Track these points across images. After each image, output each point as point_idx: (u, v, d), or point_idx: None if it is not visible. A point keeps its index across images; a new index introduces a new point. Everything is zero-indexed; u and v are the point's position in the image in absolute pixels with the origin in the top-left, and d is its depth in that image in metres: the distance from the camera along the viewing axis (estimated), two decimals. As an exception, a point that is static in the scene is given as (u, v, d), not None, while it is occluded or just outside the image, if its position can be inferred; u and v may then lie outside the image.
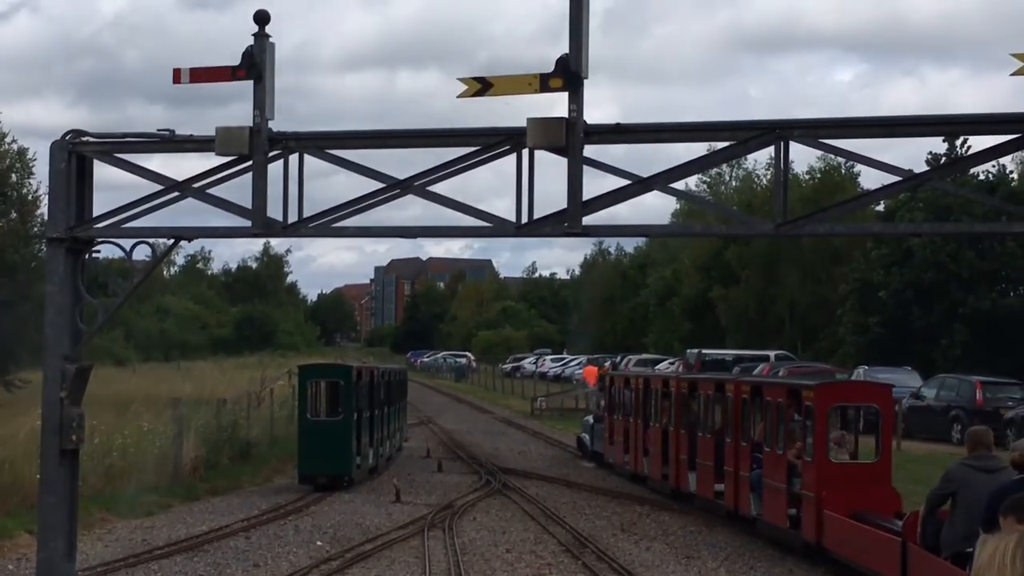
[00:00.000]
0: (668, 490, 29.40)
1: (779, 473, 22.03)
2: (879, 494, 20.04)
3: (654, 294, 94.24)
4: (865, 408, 23.85)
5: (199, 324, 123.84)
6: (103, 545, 22.53)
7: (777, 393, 23.08)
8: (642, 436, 31.99)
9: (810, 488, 20.70)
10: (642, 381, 33.27)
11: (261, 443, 38.76)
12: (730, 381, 27.02)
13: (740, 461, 24.22)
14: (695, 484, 27.48)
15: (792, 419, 22.14)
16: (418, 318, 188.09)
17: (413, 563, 21.09)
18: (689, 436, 28.02)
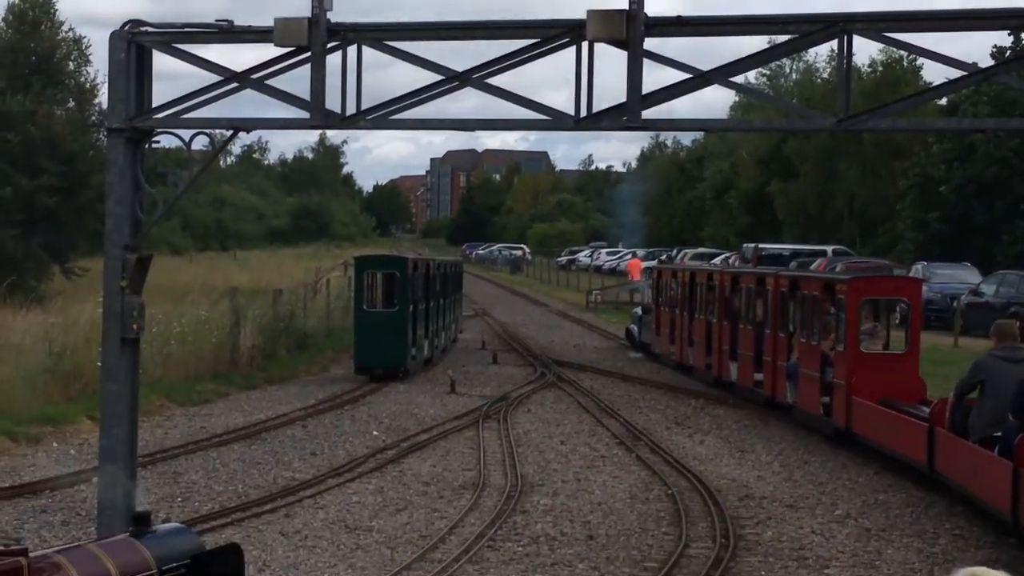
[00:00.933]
0: (711, 379, 30.53)
1: (813, 363, 23.07)
2: (907, 383, 20.78)
3: (711, 187, 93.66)
4: (895, 301, 24.29)
5: (255, 214, 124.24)
6: (163, 432, 22.85)
7: (812, 287, 24.12)
8: (687, 328, 33.29)
9: (841, 377, 21.62)
10: (688, 274, 34.52)
11: (317, 334, 39.05)
12: (770, 275, 27.77)
13: (778, 351, 25.23)
14: (736, 374, 28.53)
15: (827, 312, 23.03)
16: (473, 210, 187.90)
17: (468, 453, 21.27)
18: (731, 328, 29.03)
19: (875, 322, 23.28)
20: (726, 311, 29.50)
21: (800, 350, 24.16)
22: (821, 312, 23.23)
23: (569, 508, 17.10)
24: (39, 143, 43.80)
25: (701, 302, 32.13)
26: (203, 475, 19.06)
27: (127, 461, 11.12)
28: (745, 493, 18.24)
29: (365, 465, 20.04)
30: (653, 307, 38.06)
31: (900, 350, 22.21)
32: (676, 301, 34.78)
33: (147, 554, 8.29)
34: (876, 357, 21.82)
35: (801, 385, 24.04)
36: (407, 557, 14.12)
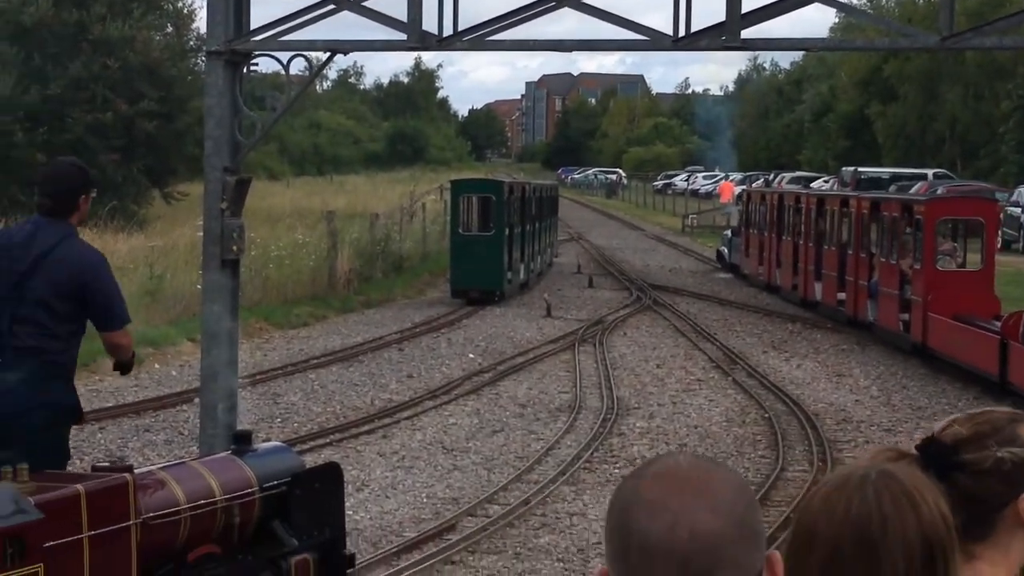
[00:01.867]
0: (797, 299, 31.63)
1: (893, 281, 24.10)
2: (981, 299, 21.75)
3: (810, 110, 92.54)
4: (971, 221, 24.62)
5: (351, 139, 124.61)
6: (262, 354, 23.11)
7: (892, 208, 25.21)
8: (775, 249, 34.30)
9: (918, 294, 22.72)
10: (776, 197, 35.67)
11: (413, 257, 39.23)
12: (853, 197, 28.91)
13: (860, 271, 26.31)
14: (820, 293, 29.66)
15: (905, 232, 24.08)
16: (568, 134, 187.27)
17: (564, 376, 21.33)
18: (817, 249, 30.16)
19: (953, 242, 24.28)
20: (812, 233, 30.52)
21: (881, 270, 25.13)
22: (900, 232, 24.14)
23: (665, 431, 17.12)
24: (138, 69, 44.15)
25: (788, 224, 33.21)
26: (302, 396, 19.29)
27: (228, 381, 11.26)
28: (842, 417, 18.15)
29: (461, 387, 20.17)
30: (742, 230, 39.12)
31: (976, 268, 23.22)
32: (764, 223, 35.79)
33: (248, 471, 8.41)
34: (952, 275, 22.91)
35: (881, 303, 24.95)
36: (503, 478, 14.22)
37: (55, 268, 7.66)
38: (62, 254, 7.68)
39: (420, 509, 12.97)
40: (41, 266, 7.64)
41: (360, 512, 12.61)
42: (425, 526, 12.21)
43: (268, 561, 8.39)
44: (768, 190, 42.73)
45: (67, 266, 7.70)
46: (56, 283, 7.65)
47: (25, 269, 7.63)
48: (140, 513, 7.43)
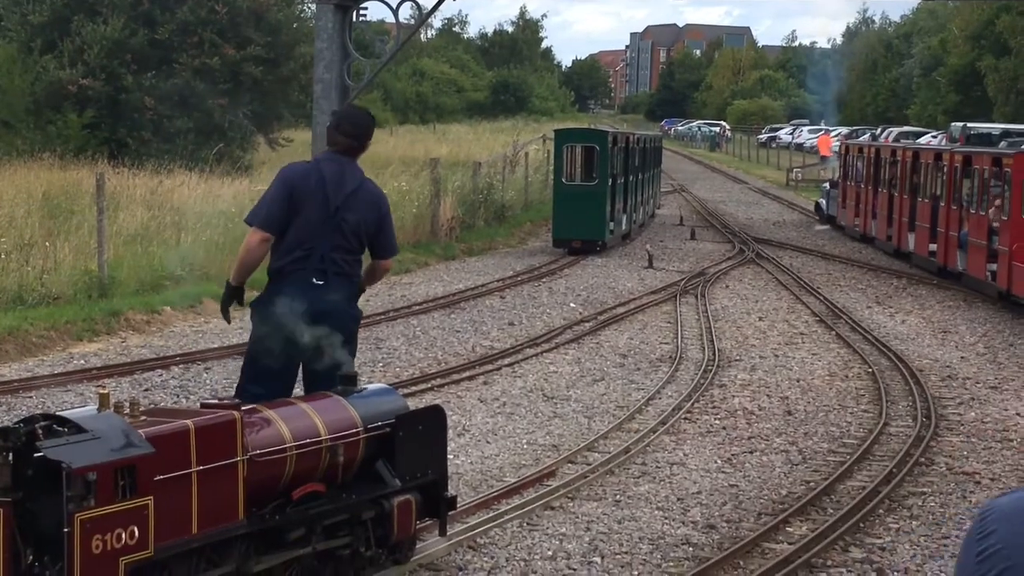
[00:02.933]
0: (891, 249, 32.66)
1: (982, 232, 25.03)
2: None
3: (919, 64, 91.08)
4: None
5: (455, 88, 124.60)
6: (364, 299, 23.04)
7: (983, 161, 25.84)
8: (871, 201, 35.42)
9: (1005, 244, 23.43)
10: (873, 151, 36.76)
11: (515, 206, 39.24)
12: (946, 151, 29.60)
13: (951, 223, 27.32)
14: (913, 244, 30.74)
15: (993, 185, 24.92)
16: (673, 86, 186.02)
17: (665, 327, 21.27)
18: (911, 201, 31.19)
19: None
20: (906, 185, 31.52)
21: (970, 221, 26.08)
22: (989, 185, 25.06)
23: (767, 383, 17.02)
24: (245, 14, 44.39)
25: (884, 177, 34.18)
26: (404, 342, 19.40)
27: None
28: (948, 373, 17.93)
29: (562, 336, 20.18)
30: (840, 182, 40.13)
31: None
32: (861, 176, 36.89)
33: (353, 412, 8.49)
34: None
35: (970, 253, 25.88)
36: (604, 426, 14.22)
37: (364, 204, 8.89)
38: (368, 191, 8.97)
39: (520, 455, 13.02)
40: (353, 201, 8.85)
41: (461, 457, 12.68)
42: (525, 472, 12.25)
43: (372, 501, 8.49)
44: (865, 143, 42.86)
45: (373, 202, 8.99)
46: (365, 217, 8.89)
47: (340, 203, 8.81)
48: (247, 450, 7.53)
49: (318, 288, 8.72)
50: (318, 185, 8.81)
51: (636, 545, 10.34)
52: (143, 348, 18.16)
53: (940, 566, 10.04)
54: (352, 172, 8.95)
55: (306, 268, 8.75)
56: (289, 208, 8.78)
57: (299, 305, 8.61)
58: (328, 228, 8.77)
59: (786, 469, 12.85)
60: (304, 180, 8.85)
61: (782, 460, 13.17)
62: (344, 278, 8.86)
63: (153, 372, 16.47)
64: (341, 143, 8.96)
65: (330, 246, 8.78)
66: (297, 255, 8.75)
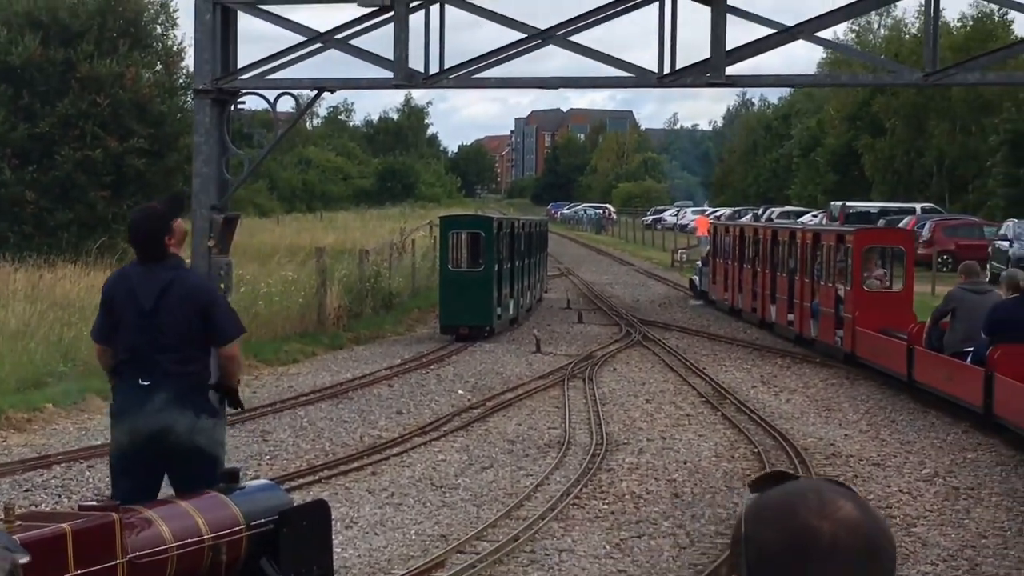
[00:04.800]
0: (756, 320, 34.85)
1: (830, 302, 27.71)
2: (901, 316, 24.72)
3: (798, 145, 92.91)
4: (894, 249, 28.33)
5: (341, 175, 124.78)
6: (251, 391, 23.05)
7: (830, 238, 28.93)
8: (737, 276, 37.82)
9: (849, 311, 26.35)
10: (738, 230, 39.58)
11: (403, 293, 39.21)
12: (800, 229, 32.76)
13: (805, 294, 29.96)
14: (775, 315, 33.06)
15: (839, 259, 27.57)
16: (558, 170, 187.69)
17: (553, 412, 21.33)
18: (772, 275, 33.51)
19: (883, 268, 27.70)
20: (767, 261, 34.02)
21: (820, 292, 28.62)
22: (835, 259, 27.81)
23: (654, 466, 17.11)
24: (128, 106, 44.22)
25: (748, 254, 36.66)
26: (291, 433, 19.26)
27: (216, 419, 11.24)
28: (832, 451, 18.14)
29: (451, 424, 20.15)
30: (710, 259, 42.50)
31: (897, 289, 26.93)
32: (728, 254, 39.29)
33: (236, 509, 8.40)
34: (877, 295, 26.52)
35: (821, 321, 28.44)
36: (493, 514, 14.20)
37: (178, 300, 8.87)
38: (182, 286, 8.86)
39: (409, 546, 12.95)
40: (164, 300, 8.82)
41: (349, 550, 12.58)
42: (414, 563, 12.18)
43: (255, 599, 8.37)
44: (731, 223, 46.73)
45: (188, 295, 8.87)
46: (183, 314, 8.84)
47: (152, 305, 8.81)
48: (126, 552, 7.42)
49: (145, 388, 8.83)
50: (128, 290, 8.98)
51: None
52: (24, 447, 17.85)
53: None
54: (157, 273, 8.94)
55: (132, 370, 8.93)
56: (110, 316, 9.05)
57: (129, 404, 8.87)
58: (146, 330, 8.89)
59: (674, 553, 12.90)
60: (116, 286, 9.09)
61: (670, 544, 13.23)
62: (173, 378, 8.88)
63: (34, 472, 16.18)
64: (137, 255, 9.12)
65: (151, 347, 8.87)
66: (123, 358, 8.98)
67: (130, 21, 47.15)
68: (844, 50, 61.27)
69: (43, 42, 43.48)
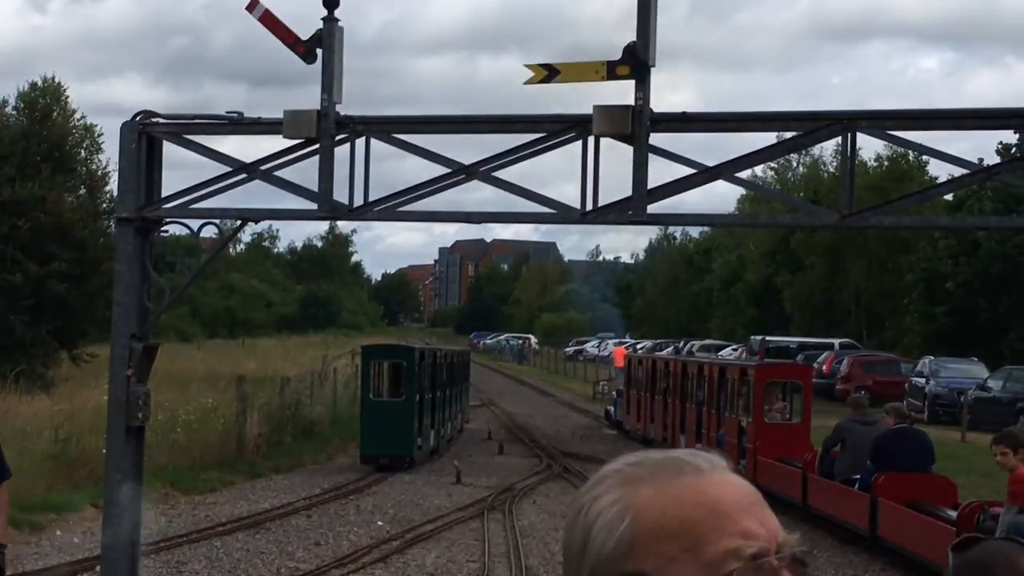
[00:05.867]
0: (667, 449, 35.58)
1: (733, 432, 28.74)
2: (799, 446, 25.61)
3: (719, 279, 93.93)
4: (792, 383, 29.11)
5: (264, 302, 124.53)
6: (167, 520, 22.77)
7: (734, 372, 30.16)
8: (650, 406, 38.76)
9: (750, 441, 27.55)
10: (650, 362, 40.99)
11: (324, 422, 38.99)
12: (707, 363, 34.13)
13: (711, 424, 31.11)
14: (684, 443, 32.95)
15: (741, 392, 28.87)
16: (481, 300, 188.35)
17: (473, 545, 21.18)
18: (681, 406, 34.61)
19: (783, 401, 28.50)
20: (678, 392, 35.03)
21: (725, 423, 29.69)
22: (739, 392, 28.98)
23: (573, 601, 16.97)
24: (49, 229, 44.04)
25: (659, 385, 37.77)
26: (206, 565, 18.99)
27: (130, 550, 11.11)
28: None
29: (369, 555, 19.96)
30: (624, 390, 43.22)
31: (796, 421, 27.77)
32: (641, 385, 40.32)
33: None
34: (776, 426, 27.48)
35: (726, 450, 28.43)
36: (409, 650, 14.04)
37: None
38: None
39: None
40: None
41: None
42: None
43: None
44: (644, 355, 47.93)
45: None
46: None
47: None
48: None
49: None
50: None
51: None
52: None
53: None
54: None
55: None
56: None
57: None
58: None
59: None
60: None
61: None
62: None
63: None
64: None
65: None
66: None
67: (54, 145, 47.17)
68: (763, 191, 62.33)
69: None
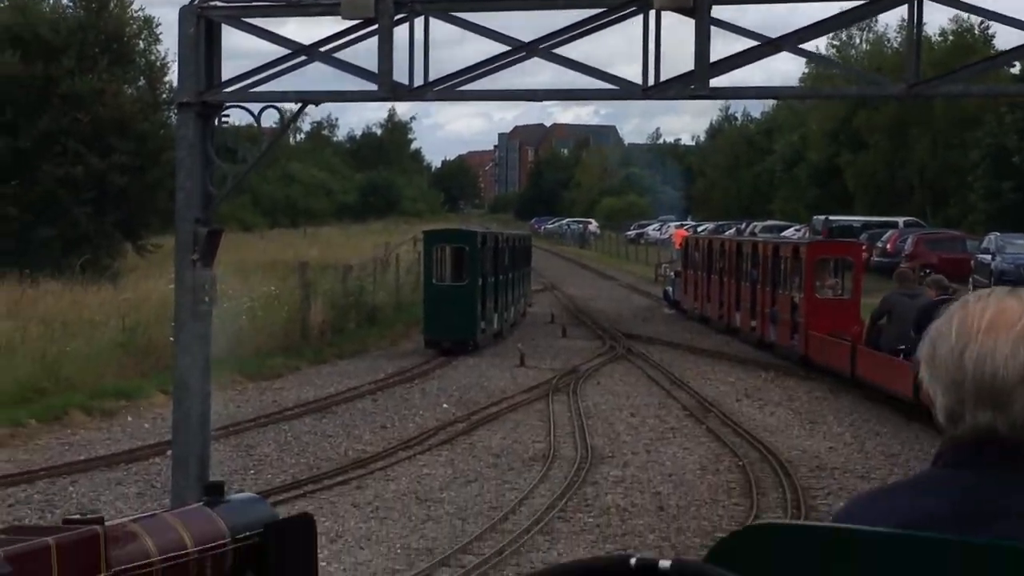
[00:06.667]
0: (723, 327, 36.72)
1: (786, 308, 29.92)
2: (849, 321, 26.00)
3: (781, 160, 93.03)
4: (843, 259, 30.11)
5: (324, 191, 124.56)
6: (235, 406, 23.01)
7: (786, 250, 31.28)
8: (706, 286, 39.95)
9: (802, 316, 28.61)
10: (706, 242, 42.05)
11: (386, 308, 39.17)
12: (761, 242, 35.38)
13: (765, 301, 32.20)
14: (739, 321, 35.00)
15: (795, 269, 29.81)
16: (542, 185, 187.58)
17: (538, 426, 21.30)
18: (736, 284, 35.52)
19: (835, 277, 29.71)
20: (733, 272, 35.90)
21: (779, 299, 30.78)
22: (790, 269, 30.17)
23: (639, 479, 17.09)
24: (109, 122, 44.09)
25: (716, 265, 38.51)
26: (275, 448, 19.21)
27: (200, 433, 11.22)
28: (816, 464, 18.15)
29: (435, 438, 20.12)
30: (682, 270, 44.55)
31: (846, 297, 28.78)
32: (698, 265, 41.41)
33: (221, 523, 8.35)
34: (827, 302, 28.61)
35: (779, 326, 30.59)
36: (478, 528, 14.18)
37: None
38: None
39: (394, 560, 12.92)
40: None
41: (334, 564, 12.54)
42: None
43: (241, 613, 8.33)
44: (700, 237, 48.54)
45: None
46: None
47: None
48: (111, 566, 7.37)
49: None
50: None
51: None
52: (7, 463, 17.77)
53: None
54: None
55: None
56: None
57: None
58: None
59: (660, 565, 12.86)
60: None
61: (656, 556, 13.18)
62: None
63: (17, 487, 16.12)
64: None
65: None
66: None
67: (112, 37, 47.10)
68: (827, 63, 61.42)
69: (23, 58, 43.36)
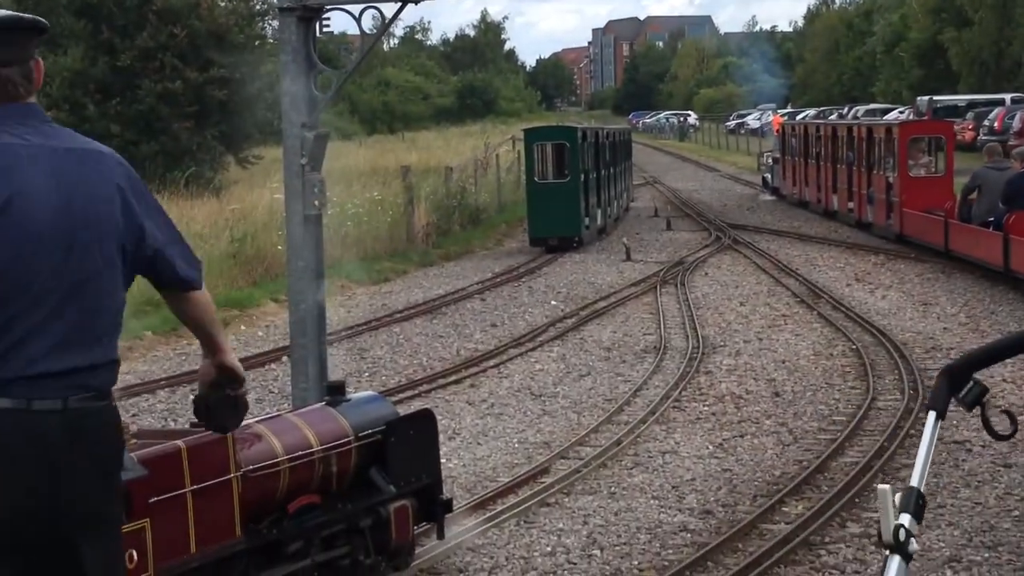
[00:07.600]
0: (821, 210, 37.55)
1: (881, 189, 30.72)
2: (942, 198, 26.74)
3: (881, 41, 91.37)
4: (935, 138, 30.71)
5: (421, 95, 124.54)
6: (345, 311, 23.22)
7: (880, 131, 31.85)
8: (804, 171, 40.67)
9: (897, 195, 29.39)
10: (802, 128, 42.62)
11: (489, 208, 39.23)
12: (856, 125, 35.89)
13: (861, 183, 32.91)
14: (837, 203, 35.95)
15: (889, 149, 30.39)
16: (638, 79, 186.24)
17: (648, 318, 21.28)
18: (833, 168, 36.41)
19: (929, 155, 30.10)
20: (829, 156, 36.75)
21: (874, 180, 31.50)
22: (884, 150, 30.83)
23: (753, 367, 17.04)
24: (205, 36, 44.25)
25: (812, 150, 39.44)
26: (388, 350, 19.37)
27: (317, 334, 11.33)
28: (932, 345, 17.97)
29: (546, 334, 20.17)
30: (781, 156, 45.09)
31: (939, 174, 29.42)
32: (795, 151, 42.22)
33: (343, 421, 8.47)
34: (920, 180, 29.14)
35: (876, 206, 31.30)
36: (594, 420, 14.23)
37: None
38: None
39: (512, 455, 13.01)
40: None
41: (453, 460, 12.66)
42: (519, 471, 12.24)
43: (368, 508, 8.47)
44: (796, 122, 48.51)
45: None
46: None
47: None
48: (240, 466, 7.51)
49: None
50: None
51: (634, 535, 10.35)
52: (128, 374, 18.08)
53: (938, 535, 10.06)
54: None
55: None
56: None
57: None
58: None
59: (778, 450, 12.86)
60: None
61: (773, 442, 13.19)
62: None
63: (139, 397, 16.43)
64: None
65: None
66: None
67: (205, -51, 47.08)
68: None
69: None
